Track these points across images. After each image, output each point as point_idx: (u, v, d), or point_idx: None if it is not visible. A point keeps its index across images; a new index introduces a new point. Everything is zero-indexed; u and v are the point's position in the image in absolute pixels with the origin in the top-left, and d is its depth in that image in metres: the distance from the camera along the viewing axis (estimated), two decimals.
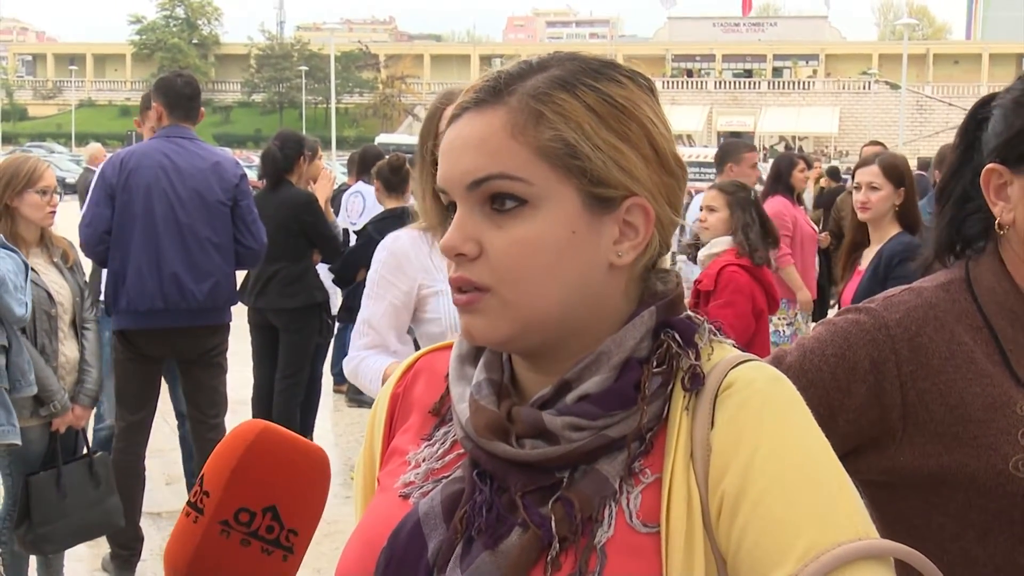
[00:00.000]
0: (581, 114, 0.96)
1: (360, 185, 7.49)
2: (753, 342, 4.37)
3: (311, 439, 6.40)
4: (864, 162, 4.52)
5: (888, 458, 1.35)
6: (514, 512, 0.95)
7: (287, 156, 5.81)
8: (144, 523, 4.70)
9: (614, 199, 0.97)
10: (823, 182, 12.94)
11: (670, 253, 1.08)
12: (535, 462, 0.96)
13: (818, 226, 7.19)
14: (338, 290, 6.41)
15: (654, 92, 1.02)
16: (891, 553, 0.89)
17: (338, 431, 7.49)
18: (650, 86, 1.02)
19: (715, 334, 1.03)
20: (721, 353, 1.01)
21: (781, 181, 6.93)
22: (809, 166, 7.06)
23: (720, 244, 4.49)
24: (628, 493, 0.95)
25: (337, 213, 7.03)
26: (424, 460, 1.06)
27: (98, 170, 5.16)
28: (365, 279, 6.45)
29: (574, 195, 0.96)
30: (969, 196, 1.41)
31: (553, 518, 0.94)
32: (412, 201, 6.47)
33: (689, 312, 1.04)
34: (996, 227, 1.35)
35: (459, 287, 0.98)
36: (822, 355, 1.37)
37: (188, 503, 0.85)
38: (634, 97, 0.99)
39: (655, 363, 0.98)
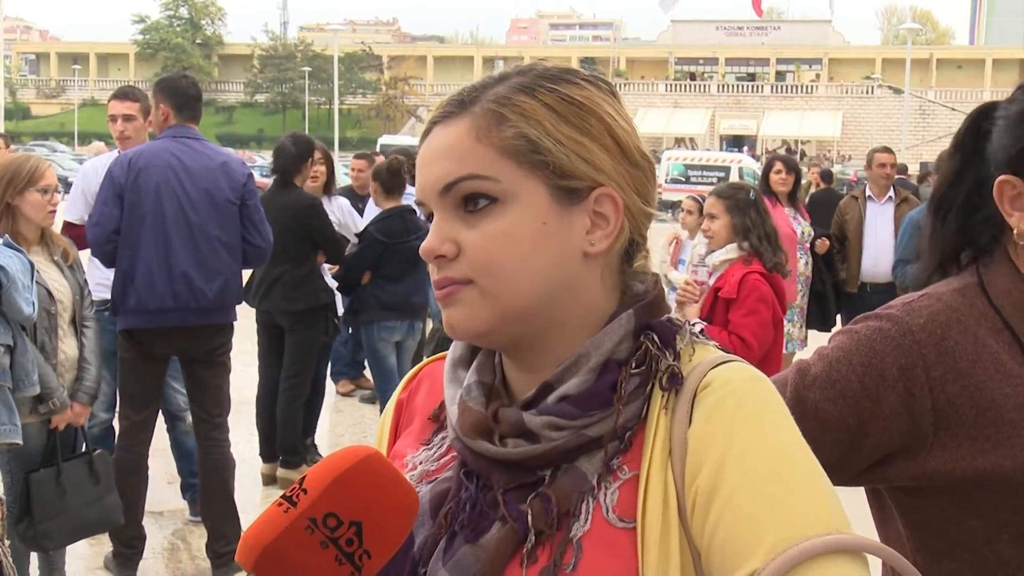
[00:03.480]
0: (540, 112, 1.01)
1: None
2: (769, 350, 4.36)
3: (314, 439, 6.44)
4: None
5: (919, 464, 1.33)
6: (496, 508, 0.99)
7: (299, 154, 5.83)
8: (146, 522, 4.71)
9: (581, 190, 1.01)
10: (813, 179, 12.88)
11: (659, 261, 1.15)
12: (516, 460, 1.00)
13: (812, 231, 7.16)
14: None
15: (616, 95, 1.07)
16: (861, 549, 0.90)
17: (339, 431, 7.50)
18: (611, 89, 1.07)
19: (697, 336, 1.05)
20: (703, 354, 1.03)
21: (767, 181, 6.99)
22: (790, 169, 7.03)
23: (734, 250, 4.47)
24: (606, 489, 0.98)
25: None
26: (420, 463, 1.11)
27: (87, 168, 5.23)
28: (371, 283, 6.46)
29: (541, 189, 1.00)
30: (975, 206, 1.40)
31: (530, 512, 0.97)
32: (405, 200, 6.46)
33: (670, 315, 1.07)
34: (1017, 236, 1.35)
35: (441, 286, 1.02)
36: (849, 364, 1.36)
37: (283, 496, 0.89)
38: (593, 96, 1.04)
39: (633, 364, 1.01)
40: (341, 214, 6.61)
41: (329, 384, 7.77)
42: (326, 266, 6.21)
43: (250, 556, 0.87)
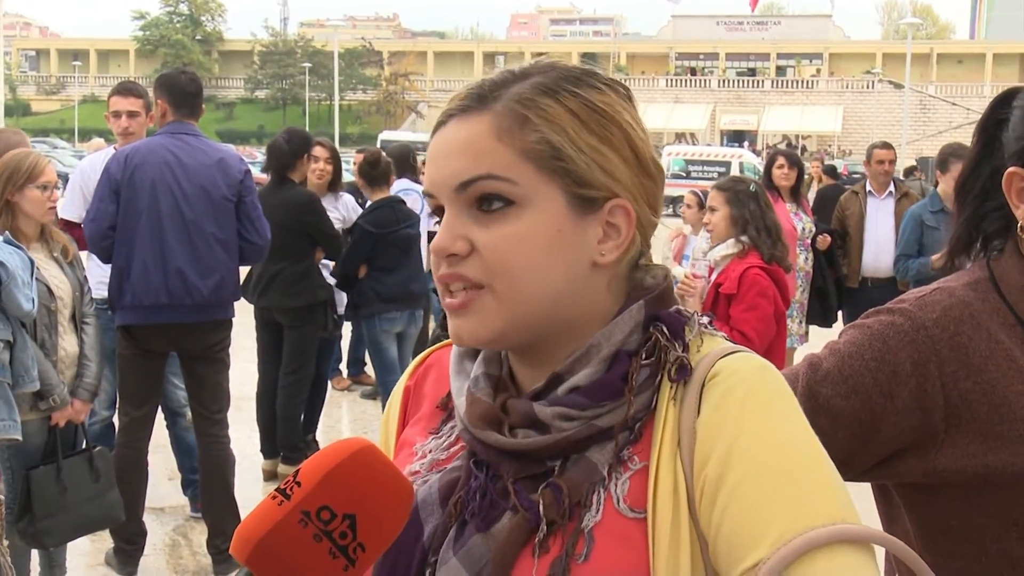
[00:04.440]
0: (564, 118, 0.99)
1: (405, 182, 7.53)
2: (773, 345, 4.34)
3: (315, 435, 6.43)
4: None
5: (930, 460, 1.32)
6: (507, 498, 0.99)
7: (292, 151, 5.81)
8: (147, 518, 4.71)
9: (597, 200, 1.01)
10: (815, 174, 12.83)
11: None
12: (526, 451, 1.00)
13: (812, 227, 7.14)
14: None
15: (632, 99, 1.06)
16: (868, 539, 0.90)
17: (340, 427, 7.50)
18: (628, 94, 1.06)
19: (705, 327, 1.05)
20: (711, 345, 1.03)
21: (769, 176, 6.98)
22: (792, 164, 7.01)
23: (733, 245, 4.45)
24: (616, 479, 0.98)
25: None
26: (430, 451, 1.10)
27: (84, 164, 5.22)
28: (368, 276, 6.44)
29: (559, 195, 0.99)
30: (988, 194, 1.39)
31: (541, 502, 0.97)
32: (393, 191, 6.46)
33: (679, 307, 1.07)
34: (1019, 230, 1.34)
35: (450, 284, 1.01)
36: (861, 360, 1.34)
37: (276, 490, 0.89)
38: (614, 103, 1.03)
39: (643, 355, 1.01)
40: (346, 211, 6.61)
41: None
42: (327, 263, 6.21)
43: (244, 549, 0.87)
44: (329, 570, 0.88)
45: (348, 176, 8.77)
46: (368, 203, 7.31)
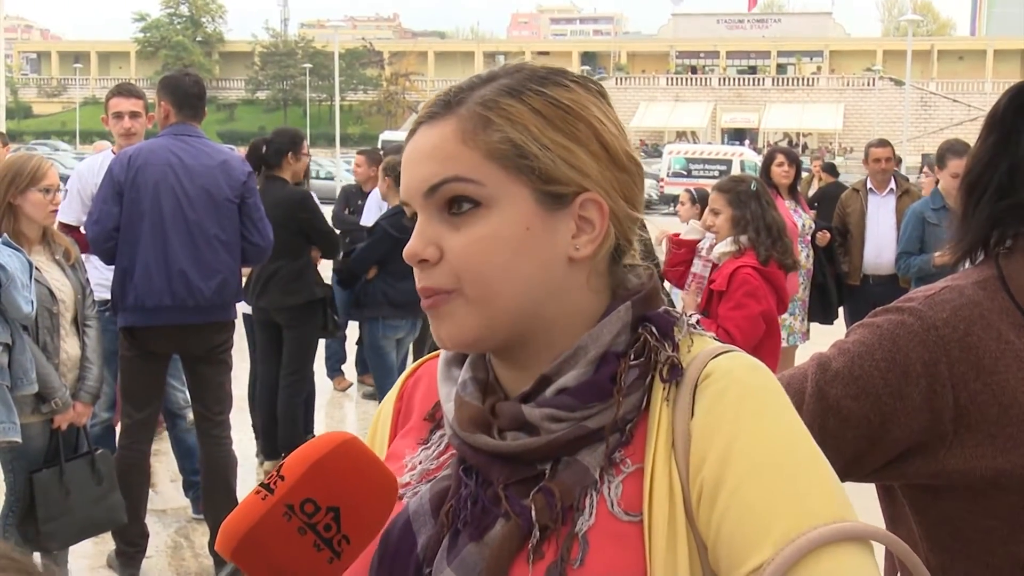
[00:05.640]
0: (527, 116, 0.99)
1: None
2: (763, 344, 4.32)
3: (312, 434, 6.43)
4: None
5: (938, 462, 1.30)
6: (498, 504, 0.98)
7: (276, 151, 5.79)
8: (149, 520, 4.71)
9: (566, 195, 1.00)
10: (815, 173, 12.81)
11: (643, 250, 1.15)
12: (515, 453, 0.99)
13: (812, 223, 7.14)
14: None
15: (605, 96, 1.06)
16: (867, 536, 0.90)
17: (344, 427, 7.48)
18: (600, 90, 1.06)
19: (694, 327, 1.05)
20: (701, 345, 1.03)
21: (768, 173, 6.97)
22: (791, 161, 7.00)
23: (730, 244, 4.45)
24: (609, 483, 0.97)
25: None
26: (420, 463, 1.09)
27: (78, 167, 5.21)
28: (379, 278, 6.42)
29: (526, 194, 0.99)
30: (1005, 191, 1.35)
31: (533, 507, 0.96)
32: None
33: (667, 307, 1.06)
34: None
35: (427, 295, 1.01)
36: (871, 360, 1.32)
37: (260, 484, 0.89)
38: (581, 99, 1.02)
39: (632, 356, 1.00)
40: None
41: (326, 382, 7.79)
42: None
43: (229, 545, 0.87)
44: (314, 563, 0.88)
45: (349, 177, 8.78)
46: (367, 203, 7.31)
